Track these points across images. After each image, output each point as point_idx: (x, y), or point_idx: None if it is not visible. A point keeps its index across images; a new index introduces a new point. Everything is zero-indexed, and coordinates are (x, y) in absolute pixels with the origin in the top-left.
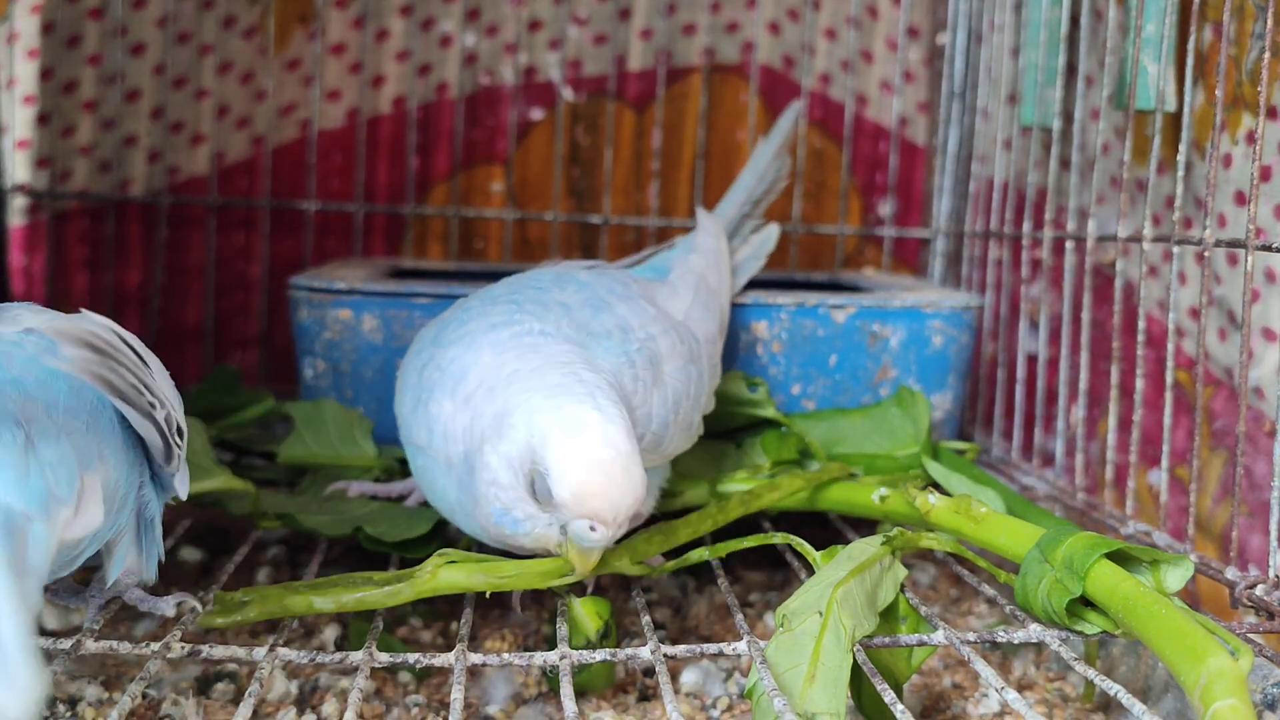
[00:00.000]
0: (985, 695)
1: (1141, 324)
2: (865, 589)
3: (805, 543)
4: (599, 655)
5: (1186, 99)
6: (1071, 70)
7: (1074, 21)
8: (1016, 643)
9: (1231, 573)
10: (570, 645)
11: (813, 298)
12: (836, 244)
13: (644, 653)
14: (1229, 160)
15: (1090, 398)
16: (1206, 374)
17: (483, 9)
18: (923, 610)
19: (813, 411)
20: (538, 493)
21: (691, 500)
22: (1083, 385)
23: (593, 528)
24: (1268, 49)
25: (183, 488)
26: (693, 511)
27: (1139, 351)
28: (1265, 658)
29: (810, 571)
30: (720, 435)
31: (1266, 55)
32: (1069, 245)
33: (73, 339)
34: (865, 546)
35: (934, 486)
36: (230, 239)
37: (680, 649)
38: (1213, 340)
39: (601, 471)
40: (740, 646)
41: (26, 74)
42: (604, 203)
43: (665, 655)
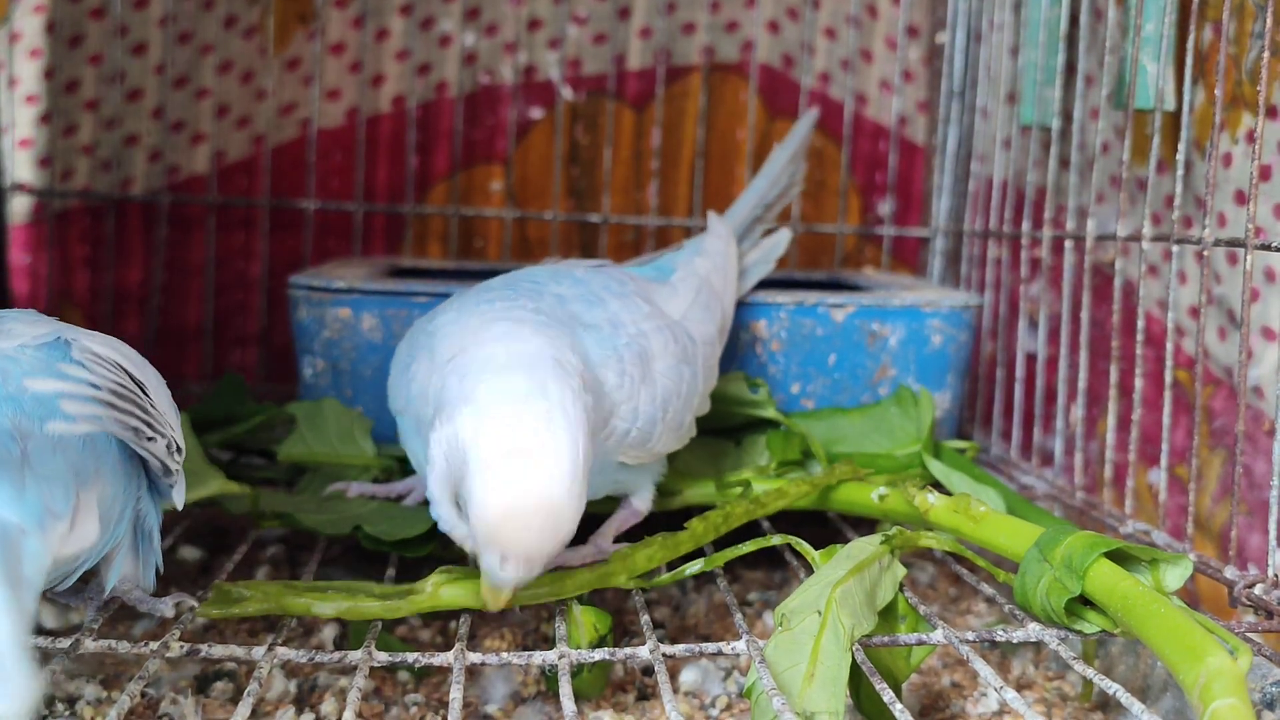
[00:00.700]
0: (984, 694)
1: (1141, 323)
2: (864, 588)
3: (804, 542)
4: (598, 654)
5: (1186, 98)
6: (1071, 69)
7: (1073, 20)
8: (1015, 642)
9: (1230, 572)
10: (569, 644)
11: (812, 297)
12: (836, 243)
13: (643, 652)
14: (1228, 159)
15: (1089, 397)
16: (1206, 373)
17: (482, 8)
18: (922, 609)
19: (812, 411)
20: (459, 497)
21: (691, 499)
22: (1082, 384)
23: (505, 561)
24: (1267, 48)
25: (179, 498)
26: (693, 510)
27: (1138, 351)
28: (1264, 657)
29: (809, 570)
30: (720, 433)
31: (1266, 54)
32: (1068, 244)
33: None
34: (864, 545)
35: (934, 485)
36: (230, 238)
37: (679, 648)
38: (1212, 339)
39: (522, 515)
40: (739, 646)
41: (29, 73)
42: (603, 202)
43: (664, 654)
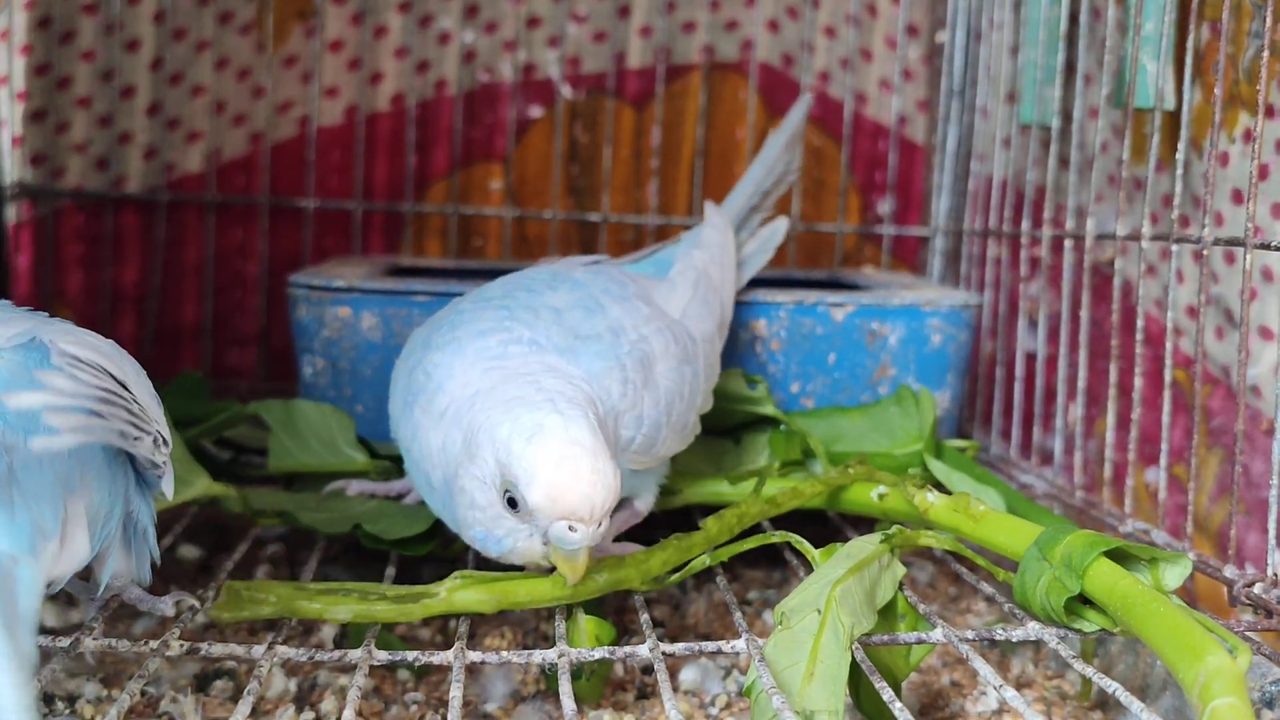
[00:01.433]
0: (984, 693)
1: (1140, 322)
2: (864, 587)
3: (804, 541)
4: (597, 653)
5: (1185, 97)
6: (1070, 68)
7: (1073, 20)
8: (1015, 641)
9: (1229, 571)
10: (569, 643)
11: (812, 296)
12: (835, 242)
13: (642, 650)
14: (1227, 159)
15: (1088, 396)
16: (1204, 372)
17: (481, 6)
18: (921, 608)
19: (812, 410)
20: (515, 506)
21: (692, 498)
22: (1081, 383)
23: (572, 528)
24: (1265, 47)
25: (169, 488)
26: (692, 509)
27: (1137, 350)
28: (1263, 655)
29: (809, 569)
30: (719, 432)
31: (1265, 54)
32: (1067, 244)
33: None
34: (864, 544)
35: (934, 484)
36: (228, 236)
37: (679, 647)
38: (1210, 339)
39: (568, 468)
40: (739, 644)
41: (19, 70)
42: (603, 200)
43: (664, 653)
